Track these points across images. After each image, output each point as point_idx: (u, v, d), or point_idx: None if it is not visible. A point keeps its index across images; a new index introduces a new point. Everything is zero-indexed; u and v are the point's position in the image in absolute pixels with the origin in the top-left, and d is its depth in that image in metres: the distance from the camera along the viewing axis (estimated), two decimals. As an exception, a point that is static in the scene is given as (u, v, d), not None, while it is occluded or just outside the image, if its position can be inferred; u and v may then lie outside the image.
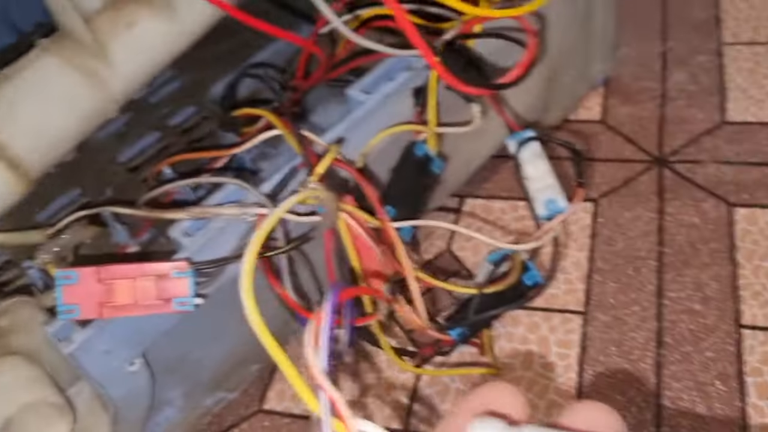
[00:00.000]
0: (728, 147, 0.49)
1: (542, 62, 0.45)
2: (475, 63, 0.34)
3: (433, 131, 0.35)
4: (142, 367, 0.33)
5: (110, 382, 0.31)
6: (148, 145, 0.45)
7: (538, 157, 0.34)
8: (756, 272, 0.42)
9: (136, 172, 0.44)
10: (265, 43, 0.47)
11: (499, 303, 0.33)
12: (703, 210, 0.46)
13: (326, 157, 0.29)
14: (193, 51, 0.35)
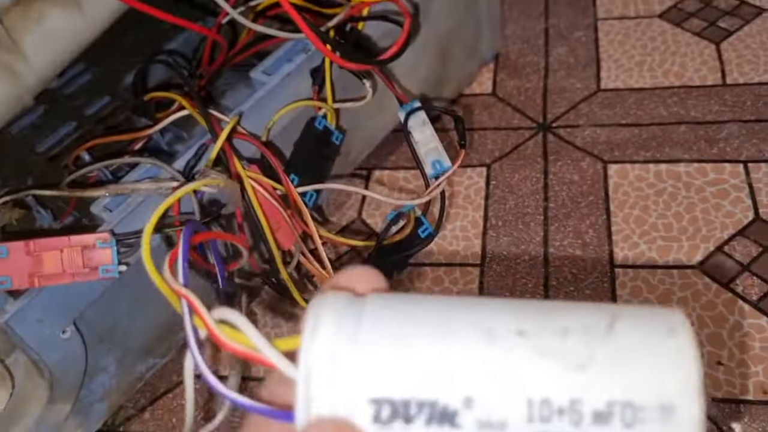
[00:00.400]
0: (602, 112, 0.55)
1: (431, 41, 0.50)
2: (362, 43, 0.38)
3: (331, 106, 0.39)
4: (74, 335, 0.36)
5: (44, 350, 0.34)
6: (66, 134, 0.48)
7: (424, 124, 0.38)
8: (626, 219, 0.48)
9: (55, 161, 0.46)
10: (173, 35, 0.49)
11: (397, 252, 0.38)
12: (582, 168, 0.52)
13: (226, 127, 0.32)
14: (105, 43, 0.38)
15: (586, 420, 0.15)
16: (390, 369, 0.16)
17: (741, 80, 0.55)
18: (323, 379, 0.15)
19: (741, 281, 0.43)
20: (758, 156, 0.49)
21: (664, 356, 0.15)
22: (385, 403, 0.15)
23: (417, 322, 0.16)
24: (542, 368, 0.15)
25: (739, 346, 0.40)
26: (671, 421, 0.15)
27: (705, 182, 0.49)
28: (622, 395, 0.15)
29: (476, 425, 0.15)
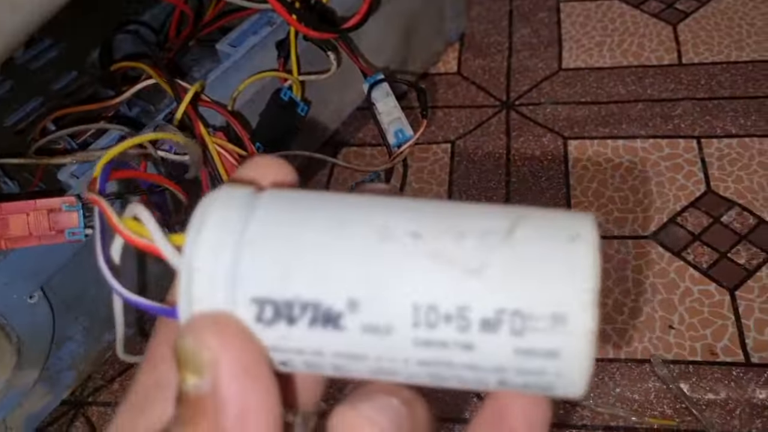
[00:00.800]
0: (563, 90, 0.57)
1: (396, 20, 0.51)
2: (327, 16, 0.39)
3: (296, 78, 0.39)
4: (42, 301, 0.36)
5: (11, 314, 0.35)
6: (33, 109, 0.48)
7: (388, 96, 0.39)
8: (584, 192, 0.50)
9: (22, 135, 0.46)
10: (141, 9, 0.50)
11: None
12: (543, 144, 0.54)
13: (189, 91, 0.33)
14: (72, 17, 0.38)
15: (473, 327, 0.14)
16: (274, 268, 0.15)
17: (696, 60, 0.56)
18: (204, 275, 0.15)
19: (692, 250, 0.45)
20: (710, 132, 0.51)
21: (561, 264, 0.15)
22: (268, 303, 0.15)
23: (310, 220, 0.16)
24: (432, 273, 0.15)
25: (689, 311, 0.42)
26: (562, 332, 0.14)
27: (660, 157, 0.51)
28: (512, 303, 0.14)
29: (360, 328, 0.15)
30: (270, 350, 0.15)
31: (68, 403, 0.44)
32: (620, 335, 0.42)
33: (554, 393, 0.15)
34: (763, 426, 0.37)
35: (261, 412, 0.15)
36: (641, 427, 0.38)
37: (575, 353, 0.14)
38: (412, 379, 0.15)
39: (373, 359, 0.15)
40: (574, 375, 0.14)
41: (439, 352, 0.15)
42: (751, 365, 0.39)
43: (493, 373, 0.15)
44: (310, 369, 0.16)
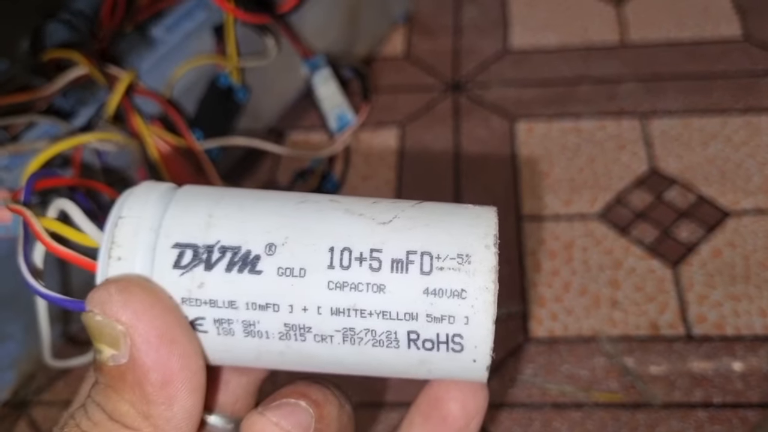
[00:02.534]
0: (511, 71, 0.57)
1: (341, 2, 0.50)
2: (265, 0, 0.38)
3: (234, 64, 0.39)
4: (-25, 300, 0.35)
5: (-57, 314, 0.33)
6: (-37, 101, 0.46)
7: (329, 79, 0.38)
8: (532, 174, 0.50)
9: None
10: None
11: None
12: (491, 126, 0.54)
13: (122, 81, 0.32)
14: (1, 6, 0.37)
15: (384, 267, 0.15)
16: (196, 220, 0.16)
17: (639, 41, 0.57)
18: (128, 225, 0.15)
19: (636, 228, 0.46)
20: (653, 111, 0.52)
21: (466, 219, 0.16)
22: (188, 248, 0.15)
23: (231, 191, 0.17)
24: (347, 223, 0.16)
25: (633, 287, 0.43)
26: (468, 269, 0.15)
27: (604, 137, 0.51)
28: (421, 246, 0.15)
29: (276, 272, 0.15)
30: (183, 303, 0.15)
31: (10, 404, 0.43)
32: (567, 313, 0.42)
33: (464, 361, 0.15)
34: (702, 395, 0.38)
35: (185, 375, 0.15)
36: (588, 402, 0.39)
37: (481, 289, 0.15)
38: (323, 347, 0.15)
39: (286, 310, 0.15)
40: (482, 319, 0.15)
41: (352, 296, 0.15)
42: (691, 338, 0.40)
43: (404, 322, 0.15)
44: (219, 333, 0.15)
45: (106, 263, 0.15)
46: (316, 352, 0.15)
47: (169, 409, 0.15)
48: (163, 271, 0.15)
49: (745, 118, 0.50)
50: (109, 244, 0.15)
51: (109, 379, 0.15)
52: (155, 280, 0.15)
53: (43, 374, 0.44)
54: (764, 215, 0.45)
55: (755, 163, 0.48)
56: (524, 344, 0.41)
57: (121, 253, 0.15)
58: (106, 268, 0.15)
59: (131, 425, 0.15)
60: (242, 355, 0.16)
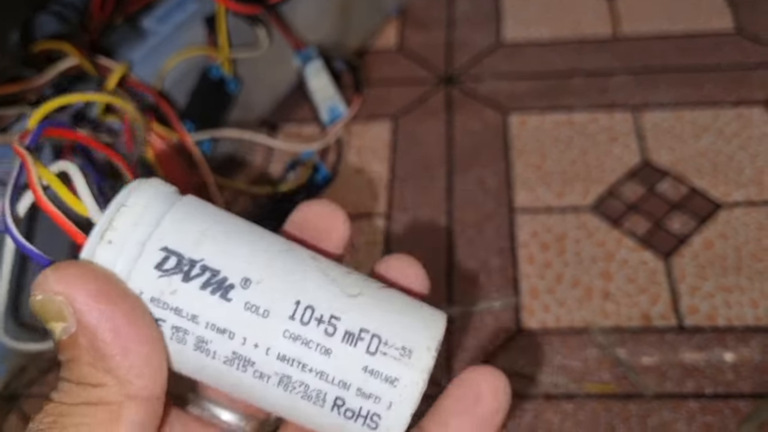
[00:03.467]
0: (503, 64, 0.57)
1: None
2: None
3: (226, 55, 0.38)
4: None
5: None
6: (-48, 93, 0.45)
7: (321, 71, 0.38)
8: (525, 166, 0.50)
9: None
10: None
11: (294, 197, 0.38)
12: (484, 119, 0.54)
13: (115, 74, 0.32)
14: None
15: (337, 335, 0.16)
16: (190, 233, 0.17)
17: (631, 34, 0.57)
18: (128, 215, 0.16)
19: (628, 220, 0.46)
20: (645, 104, 0.52)
21: (420, 318, 0.17)
22: (174, 255, 0.16)
23: (229, 217, 0.18)
24: (319, 284, 0.17)
25: (625, 279, 0.43)
26: (407, 362, 0.16)
27: (597, 129, 0.51)
28: (374, 328, 0.17)
29: (243, 305, 0.16)
30: (152, 302, 0.16)
31: (1, 397, 0.42)
32: (559, 305, 0.42)
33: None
34: (694, 386, 0.38)
35: (132, 328, 0.16)
36: (580, 393, 0.39)
37: (412, 383, 0.16)
38: (258, 383, 0.17)
39: (239, 340, 0.16)
40: (403, 409, 0.16)
41: (300, 350, 0.16)
42: (683, 329, 0.40)
43: (336, 387, 0.16)
44: (173, 338, 0.16)
45: (96, 242, 0.16)
46: (251, 385, 0.17)
47: (126, 358, 0.15)
48: (145, 267, 0.16)
49: (737, 111, 0.51)
50: (105, 226, 0.16)
51: (67, 352, 0.16)
52: (135, 272, 0.16)
53: (34, 367, 0.44)
54: (756, 207, 0.45)
55: (747, 156, 0.48)
56: (516, 336, 0.42)
57: (113, 237, 0.16)
58: (94, 246, 0.16)
59: (96, 382, 0.15)
60: (185, 363, 0.17)
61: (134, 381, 0.16)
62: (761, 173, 0.47)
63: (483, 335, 0.42)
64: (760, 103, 0.51)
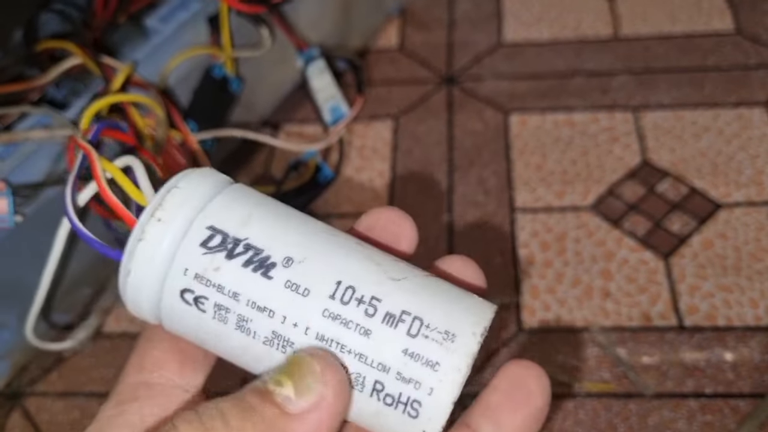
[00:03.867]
0: (504, 64, 0.57)
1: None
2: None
3: (229, 55, 0.39)
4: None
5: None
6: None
7: (323, 71, 0.39)
8: (525, 166, 0.51)
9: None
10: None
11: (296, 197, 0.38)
12: (485, 118, 0.54)
13: (120, 75, 0.32)
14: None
15: (378, 316, 0.16)
16: (236, 215, 0.17)
17: (632, 34, 0.57)
18: (178, 196, 0.17)
19: (628, 220, 0.46)
20: (646, 104, 0.52)
21: (466, 305, 0.17)
22: (219, 234, 0.16)
23: (275, 203, 0.18)
24: (362, 266, 0.17)
25: (625, 278, 0.43)
26: (449, 346, 0.16)
27: (597, 129, 0.51)
28: (417, 311, 0.16)
29: (284, 283, 0.16)
30: (195, 279, 0.16)
31: (4, 395, 0.43)
32: (560, 304, 0.42)
33: (415, 430, 0.16)
34: (694, 385, 0.38)
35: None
36: (581, 392, 0.39)
37: (453, 368, 0.16)
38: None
39: (278, 319, 0.16)
40: (444, 395, 0.16)
41: (339, 330, 0.16)
42: (683, 328, 0.40)
43: (375, 371, 0.16)
44: (215, 318, 0.17)
45: (147, 219, 0.17)
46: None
47: None
48: (191, 244, 0.16)
49: (737, 111, 0.51)
50: (156, 205, 0.17)
51: (257, 403, 0.15)
52: (181, 249, 0.17)
53: (37, 365, 0.44)
54: (755, 207, 0.45)
55: (747, 156, 0.48)
56: (517, 335, 0.42)
57: (162, 215, 0.17)
58: (146, 223, 0.17)
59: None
60: (227, 347, 0.17)
61: None
62: (761, 174, 0.47)
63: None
64: (760, 104, 0.51)
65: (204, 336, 0.17)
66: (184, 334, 0.18)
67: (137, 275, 0.17)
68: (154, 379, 0.19)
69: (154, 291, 0.17)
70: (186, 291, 0.16)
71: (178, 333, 0.18)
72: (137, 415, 0.18)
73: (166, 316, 0.17)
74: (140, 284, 0.17)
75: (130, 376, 0.19)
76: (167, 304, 0.17)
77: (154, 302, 0.17)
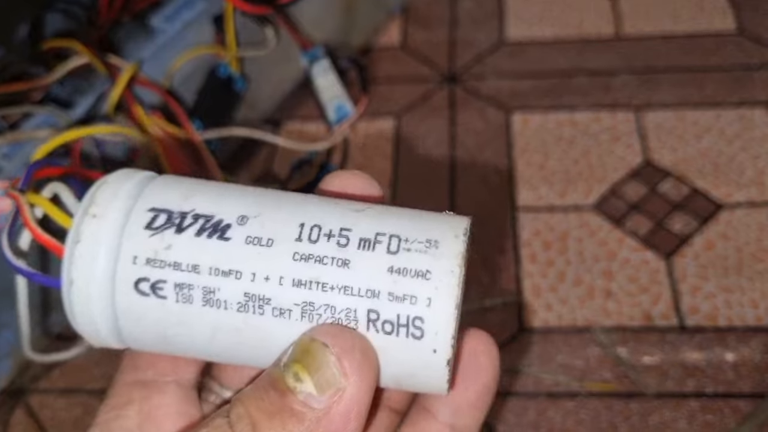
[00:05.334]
0: (506, 63, 0.57)
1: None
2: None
3: (233, 54, 0.39)
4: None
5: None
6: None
7: (328, 71, 0.39)
8: (527, 165, 0.51)
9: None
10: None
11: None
12: (487, 117, 0.54)
13: (125, 73, 0.32)
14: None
15: (352, 244, 0.15)
16: (175, 192, 0.16)
17: (634, 33, 0.57)
18: (109, 189, 0.16)
19: (630, 220, 0.46)
20: (647, 104, 0.52)
21: (438, 216, 0.16)
22: (163, 212, 0.16)
23: (207, 181, 0.17)
24: (321, 207, 0.16)
25: (627, 278, 0.43)
26: (434, 253, 0.15)
27: (599, 129, 0.52)
28: (390, 230, 0.15)
29: (244, 239, 0.15)
30: (148, 264, 0.15)
31: (7, 393, 0.43)
32: (562, 304, 0.43)
33: (424, 351, 0.15)
34: (695, 385, 0.38)
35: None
36: (582, 392, 0.39)
37: (445, 272, 0.15)
38: (280, 323, 0.15)
39: (248, 278, 0.15)
40: (444, 303, 0.15)
41: (316, 269, 0.15)
42: (684, 329, 0.41)
43: (365, 299, 0.15)
44: (178, 301, 0.15)
45: (81, 219, 0.15)
46: (273, 330, 0.15)
47: None
48: (135, 230, 0.15)
49: (739, 112, 0.51)
50: (88, 203, 0.16)
51: (283, 405, 0.14)
52: (125, 238, 0.15)
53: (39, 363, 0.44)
54: (757, 208, 0.45)
55: (748, 157, 0.48)
56: (519, 334, 0.42)
57: (97, 211, 0.15)
58: (80, 223, 0.15)
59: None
60: (198, 331, 0.15)
61: None
62: (762, 174, 0.47)
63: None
64: (762, 104, 0.51)
65: (173, 332, 0.16)
66: (152, 341, 0.16)
67: (82, 281, 0.15)
68: (148, 377, 0.18)
69: (105, 295, 0.15)
70: (140, 281, 0.15)
71: (145, 343, 0.16)
72: (134, 419, 0.18)
73: (125, 324, 0.16)
74: (87, 291, 0.15)
75: (124, 375, 0.19)
76: (123, 306, 0.15)
77: (107, 309, 0.15)
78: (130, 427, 0.17)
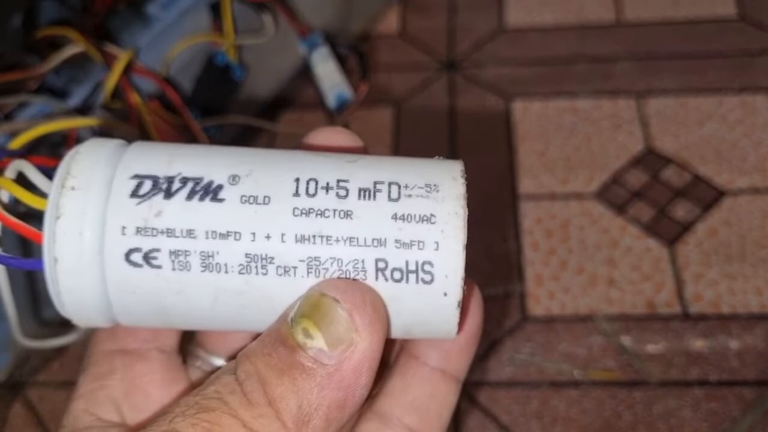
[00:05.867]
0: (506, 50, 0.57)
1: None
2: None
3: (231, 42, 0.38)
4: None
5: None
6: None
7: (327, 58, 0.38)
8: (528, 153, 0.50)
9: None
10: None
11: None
12: (487, 105, 0.54)
13: (122, 60, 0.32)
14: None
15: (352, 195, 0.15)
16: (157, 156, 0.15)
17: (635, 19, 0.57)
18: (85, 159, 0.15)
19: (632, 207, 0.46)
20: (649, 90, 0.52)
21: (431, 162, 0.16)
22: (148, 179, 0.15)
23: (190, 144, 0.16)
24: (313, 159, 0.15)
25: (629, 266, 0.43)
26: (436, 197, 0.15)
27: (601, 116, 0.51)
28: (389, 178, 0.15)
29: (239, 199, 0.14)
30: (138, 234, 0.14)
31: (5, 385, 0.42)
32: (564, 292, 0.42)
33: (435, 296, 0.15)
34: (699, 373, 0.38)
35: (357, 403, 0.14)
36: (586, 381, 0.39)
37: (450, 214, 0.15)
38: (285, 282, 0.14)
39: (247, 238, 0.14)
40: (452, 244, 0.15)
41: (318, 223, 0.14)
42: (687, 316, 0.40)
43: (371, 249, 0.14)
44: (175, 269, 0.15)
45: (59, 192, 0.14)
46: (278, 290, 0.15)
47: (328, 428, 0.14)
48: (120, 199, 0.14)
49: (741, 98, 0.51)
50: (63, 175, 0.15)
51: (292, 362, 0.14)
52: (110, 209, 0.14)
53: (38, 355, 0.44)
54: (759, 194, 0.45)
55: (750, 143, 0.48)
56: (522, 323, 0.42)
57: (75, 183, 0.14)
58: (58, 197, 0.14)
59: (286, 420, 0.14)
60: (198, 298, 0.15)
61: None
62: (765, 160, 0.47)
63: (488, 322, 0.42)
64: (763, 90, 0.51)
65: (171, 302, 0.15)
66: (148, 315, 0.15)
67: (67, 259, 0.14)
68: (128, 345, 0.18)
69: (94, 271, 0.14)
70: (132, 252, 0.14)
71: (140, 317, 0.15)
72: (119, 388, 0.17)
73: (118, 300, 0.15)
74: (74, 269, 0.14)
75: (102, 345, 0.18)
76: (115, 280, 0.14)
77: (97, 285, 0.15)
78: (116, 396, 0.17)
